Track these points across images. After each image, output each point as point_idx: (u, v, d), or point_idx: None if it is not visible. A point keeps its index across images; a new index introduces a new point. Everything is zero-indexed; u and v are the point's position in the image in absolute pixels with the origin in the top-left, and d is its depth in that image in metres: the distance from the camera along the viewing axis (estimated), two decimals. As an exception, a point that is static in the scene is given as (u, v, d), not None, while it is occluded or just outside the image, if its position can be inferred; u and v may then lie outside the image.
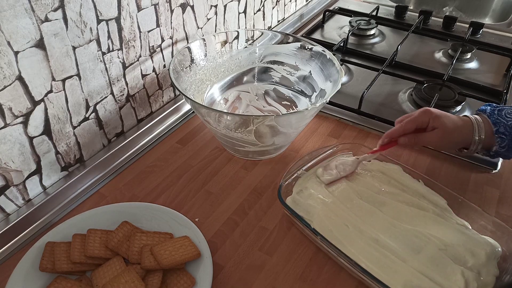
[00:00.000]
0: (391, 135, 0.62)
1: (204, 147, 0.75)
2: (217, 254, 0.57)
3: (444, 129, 0.59)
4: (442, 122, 0.59)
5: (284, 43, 0.79)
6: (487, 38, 1.11)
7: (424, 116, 0.60)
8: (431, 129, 0.60)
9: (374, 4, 1.28)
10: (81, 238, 0.54)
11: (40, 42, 0.53)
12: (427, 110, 0.60)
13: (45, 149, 0.60)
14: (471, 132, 0.59)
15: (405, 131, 0.61)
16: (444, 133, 0.59)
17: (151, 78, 0.75)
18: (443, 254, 0.52)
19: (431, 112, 0.60)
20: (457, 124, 0.60)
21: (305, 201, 0.60)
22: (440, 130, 0.59)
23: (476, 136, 0.59)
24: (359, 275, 0.52)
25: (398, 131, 0.61)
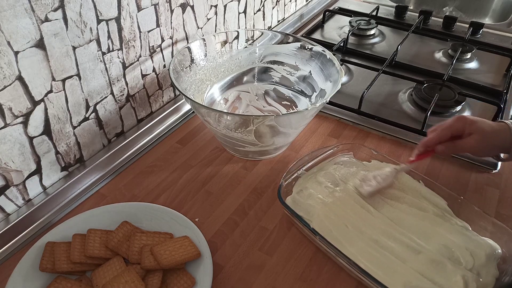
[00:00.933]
0: (426, 144, 0.60)
1: (204, 147, 0.75)
2: (217, 254, 0.57)
3: (482, 133, 0.57)
4: (479, 127, 0.57)
5: (284, 43, 0.79)
6: (487, 38, 1.11)
7: (459, 123, 0.58)
8: (468, 135, 0.58)
9: (374, 4, 1.28)
10: (81, 238, 0.54)
11: (40, 42, 0.53)
12: (462, 116, 0.59)
13: (45, 149, 0.60)
14: (509, 136, 0.58)
15: (441, 139, 0.59)
16: (483, 137, 0.57)
17: (151, 78, 0.75)
18: (442, 255, 0.52)
19: (466, 118, 0.58)
20: (495, 128, 0.58)
21: (305, 201, 0.60)
22: (478, 134, 0.57)
23: None
24: (358, 275, 0.51)
25: (434, 139, 0.60)
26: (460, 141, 0.59)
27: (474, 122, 0.58)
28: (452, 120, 0.60)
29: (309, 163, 0.65)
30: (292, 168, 0.63)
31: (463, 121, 0.58)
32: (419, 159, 0.62)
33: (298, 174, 0.64)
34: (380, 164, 0.66)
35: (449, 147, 0.59)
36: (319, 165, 0.66)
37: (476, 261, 0.52)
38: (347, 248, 0.53)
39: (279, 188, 0.59)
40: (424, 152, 0.62)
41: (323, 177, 0.64)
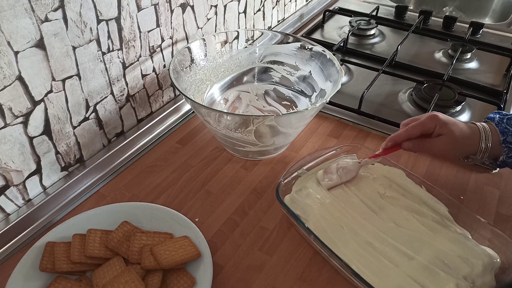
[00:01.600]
0: (395, 139, 0.60)
1: (204, 147, 0.75)
2: (217, 254, 0.57)
3: (451, 136, 0.57)
4: (449, 130, 0.57)
5: (284, 43, 0.79)
6: (487, 38, 1.11)
7: (431, 122, 0.58)
8: (437, 135, 0.58)
9: (374, 4, 1.28)
10: (81, 238, 0.54)
11: (40, 42, 0.53)
12: (435, 115, 0.58)
13: (45, 149, 0.60)
14: (478, 141, 0.57)
15: (410, 136, 0.59)
16: (451, 141, 0.57)
17: (151, 78, 0.75)
18: (437, 261, 0.52)
19: (439, 118, 0.57)
20: (465, 133, 0.57)
21: (302, 200, 0.60)
22: (447, 137, 0.57)
23: (483, 144, 0.57)
24: (350, 277, 0.51)
25: (403, 135, 0.59)
26: (428, 141, 0.59)
27: (445, 124, 0.57)
28: (424, 117, 0.59)
29: (310, 163, 0.65)
30: (292, 167, 0.63)
31: (435, 120, 0.57)
32: (384, 154, 0.62)
33: (298, 173, 0.64)
34: (383, 168, 0.66)
35: (416, 146, 0.59)
36: (321, 165, 0.66)
37: (472, 270, 0.51)
38: (340, 249, 0.53)
39: (278, 186, 0.59)
40: (391, 146, 0.61)
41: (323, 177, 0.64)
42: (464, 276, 0.50)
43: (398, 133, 0.60)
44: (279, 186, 0.60)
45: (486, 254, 0.53)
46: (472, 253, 0.53)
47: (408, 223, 0.57)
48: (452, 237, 0.55)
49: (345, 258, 0.51)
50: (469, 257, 0.52)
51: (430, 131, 0.58)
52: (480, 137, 0.57)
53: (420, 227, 0.56)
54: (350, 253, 0.53)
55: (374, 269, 0.51)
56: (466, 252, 0.53)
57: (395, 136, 0.60)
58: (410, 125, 0.59)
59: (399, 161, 0.71)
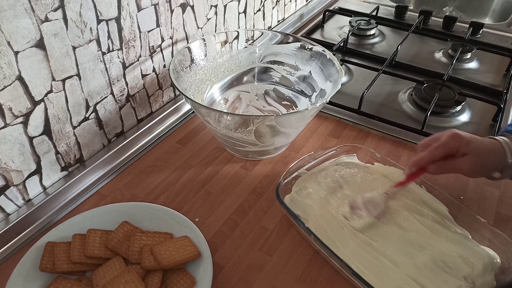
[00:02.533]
0: (419, 163, 0.57)
1: (204, 147, 0.75)
2: (217, 254, 0.57)
3: (477, 155, 0.55)
4: (474, 147, 0.55)
5: (284, 43, 0.79)
6: (487, 38, 1.11)
7: (454, 142, 0.55)
8: (462, 155, 0.55)
9: (374, 4, 1.27)
10: (81, 238, 0.54)
11: (40, 42, 0.53)
12: (457, 134, 0.56)
13: (45, 149, 0.60)
14: (503, 156, 0.55)
15: (434, 158, 0.56)
16: (478, 159, 0.55)
17: (151, 78, 0.75)
18: (437, 262, 0.52)
19: (461, 137, 0.55)
20: (489, 148, 0.56)
21: (303, 200, 0.60)
22: (473, 156, 0.55)
23: (509, 159, 0.55)
24: (350, 277, 0.51)
25: (427, 158, 0.57)
26: (454, 162, 0.56)
27: (470, 142, 0.55)
28: (446, 138, 0.56)
29: (310, 163, 0.65)
30: (292, 167, 0.63)
31: (459, 140, 0.55)
32: (410, 180, 0.59)
33: (298, 173, 0.64)
34: (383, 168, 0.65)
35: (442, 167, 0.57)
36: (321, 165, 0.66)
37: (472, 271, 0.51)
38: (340, 249, 0.53)
39: (278, 186, 0.59)
40: (416, 171, 0.59)
41: (324, 177, 0.64)
42: (464, 276, 0.50)
43: (421, 156, 0.57)
44: (279, 186, 0.60)
45: (486, 254, 0.53)
46: (472, 253, 0.53)
47: (408, 223, 0.57)
48: (452, 237, 0.55)
49: (345, 258, 0.51)
50: (469, 257, 0.52)
51: (453, 151, 0.56)
52: (505, 152, 0.55)
53: (420, 227, 0.56)
54: (350, 253, 0.53)
55: (374, 269, 0.51)
56: (466, 252, 0.53)
57: (418, 161, 0.58)
58: (433, 147, 0.57)
59: (399, 161, 0.71)
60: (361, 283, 0.48)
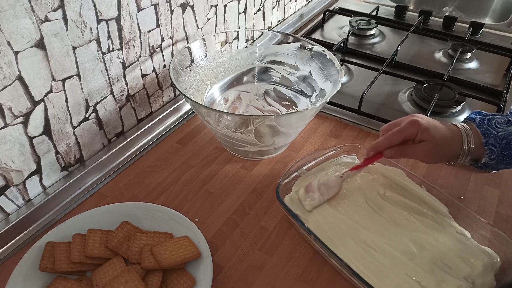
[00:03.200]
0: (376, 148, 0.58)
1: (204, 147, 0.75)
2: (217, 254, 0.57)
3: (433, 142, 0.55)
4: (431, 135, 0.55)
5: (284, 43, 0.79)
6: (487, 38, 1.11)
7: (412, 128, 0.56)
8: (419, 141, 0.56)
9: (374, 4, 1.28)
10: (81, 238, 0.54)
11: (40, 42, 0.53)
12: (415, 121, 0.56)
13: (45, 149, 0.60)
14: (460, 144, 0.56)
15: (392, 143, 0.57)
16: (433, 146, 0.56)
17: (151, 78, 0.75)
18: (437, 262, 0.52)
19: (420, 123, 0.56)
20: (446, 136, 0.56)
21: (302, 200, 0.60)
22: (429, 143, 0.55)
23: (465, 146, 0.56)
24: (350, 277, 0.51)
25: (384, 143, 0.58)
26: (410, 147, 0.57)
27: (427, 129, 0.55)
28: (405, 123, 0.57)
29: (310, 163, 0.65)
30: (292, 167, 0.63)
31: (417, 126, 0.56)
32: (366, 164, 0.60)
33: (298, 173, 0.64)
34: (383, 168, 0.65)
35: (398, 152, 0.58)
36: (321, 165, 0.66)
37: (472, 270, 0.51)
38: (340, 249, 0.53)
39: (278, 186, 0.59)
40: (373, 156, 0.60)
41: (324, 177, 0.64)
42: (464, 276, 0.50)
43: (379, 141, 0.58)
44: (279, 186, 0.60)
45: (486, 254, 0.53)
46: (472, 253, 0.53)
47: (408, 223, 0.57)
48: (452, 237, 0.55)
49: (345, 258, 0.51)
50: (469, 257, 0.52)
51: (411, 137, 0.57)
52: (462, 139, 0.56)
53: (420, 227, 0.56)
54: (349, 253, 0.53)
55: (374, 269, 0.51)
56: (466, 252, 0.53)
57: (376, 145, 0.59)
58: (391, 132, 0.58)
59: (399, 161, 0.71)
60: (361, 283, 0.48)
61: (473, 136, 0.56)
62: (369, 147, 0.60)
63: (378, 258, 0.52)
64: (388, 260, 0.52)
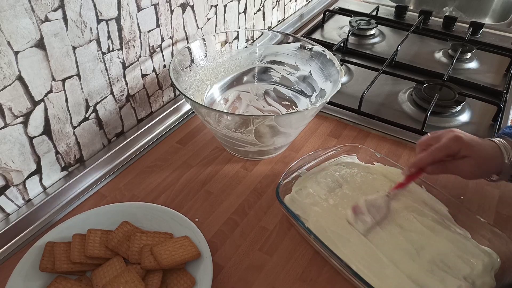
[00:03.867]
0: (418, 164, 0.57)
1: (204, 147, 0.75)
2: (217, 254, 0.57)
3: (478, 159, 0.55)
4: (474, 152, 0.55)
5: (284, 43, 0.79)
6: (487, 38, 1.11)
7: (456, 145, 0.55)
8: (461, 157, 0.55)
9: (374, 4, 1.27)
10: (81, 238, 0.54)
11: (40, 42, 0.53)
12: (458, 137, 0.55)
13: (45, 149, 0.60)
14: (500, 159, 0.55)
15: (435, 160, 0.56)
16: (478, 163, 0.55)
17: (151, 78, 0.75)
18: (437, 262, 0.52)
19: (463, 140, 0.55)
20: (489, 153, 0.56)
21: (303, 200, 0.60)
22: (473, 159, 0.55)
23: (506, 160, 0.55)
24: (350, 277, 0.51)
25: (427, 160, 0.56)
26: (453, 164, 0.56)
27: (471, 145, 0.55)
28: (447, 140, 0.56)
29: (310, 163, 0.65)
30: (292, 167, 0.63)
31: (460, 143, 0.55)
32: (410, 181, 0.59)
33: (298, 173, 0.64)
34: (383, 168, 0.65)
35: (441, 169, 0.57)
36: (321, 165, 0.66)
37: (472, 270, 0.51)
38: (340, 249, 0.53)
39: (278, 186, 0.59)
40: (415, 172, 0.59)
41: (324, 177, 0.64)
42: (464, 276, 0.50)
43: (421, 157, 0.57)
44: (279, 186, 0.60)
45: (486, 254, 0.53)
46: (472, 253, 0.53)
47: (408, 223, 0.57)
48: (452, 237, 0.55)
49: (345, 258, 0.51)
50: (469, 257, 0.52)
51: (454, 153, 0.56)
52: (503, 155, 0.56)
53: (420, 227, 0.56)
54: (350, 253, 0.53)
55: (374, 269, 0.51)
56: (466, 252, 0.53)
57: (418, 162, 0.57)
58: (434, 148, 0.56)
59: (399, 161, 0.71)
60: (361, 283, 0.48)
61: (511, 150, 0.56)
62: (411, 163, 0.58)
63: (378, 258, 0.52)
64: (388, 260, 0.52)
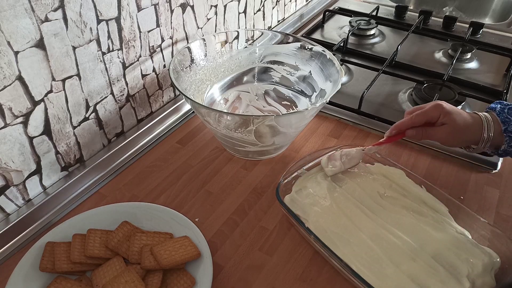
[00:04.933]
0: (399, 127, 0.62)
1: (204, 147, 0.75)
2: (217, 254, 0.57)
3: (454, 126, 0.58)
4: (452, 119, 0.58)
5: (284, 43, 0.79)
6: (487, 38, 1.11)
7: (435, 111, 0.59)
8: (441, 124, 0.59)
9: (374, 4, 1.28)
10: (81, 238, 0.54)
11: (40, 42, 0.53)
12: (439, 104, 0.59)
13: (45, 149, 0.60)
14: (480, 130, 0.59)
15: (414, 124, 0.60)
16: (454, 130, 0.58)
17: (151, 78, 0.75)
18: (437, 262, 0.52)
19: (443, 107, 0.59)
20: (467, 122, 0.59)
21: (302, 200, 0.60)
22: (450, 127, 0.58)
23: (485, 134, 0.58)
24: (350, 277, 0.51)
25: (407, 123, 0.61)
26: (431, 129, 0.60)
27: (449, 113, 0.58)
28: (429, 106, 0.60)
29: (310, 163, 0.65)
30: (292, 167, 0.63)
31: (439, 109, 0.59)
32: (388, 141, 0.63)
33: (298, 173, 0.64)
34: (383, 168, 0.65)
35: (419, 133, 0.61)
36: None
37: (472, 270, 0.51)
38: (340, 249, 0.53)
39: (278, 186, 0.59)
40: (395, 134, 0.62)
41: (324, 177, 0.64)
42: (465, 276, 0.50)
43: (402, 121, 0.61)
44: (279, 186, 0.60)
45: (486, 254, 0.53)
46: (472, 253, 0.53)
47: (408, 223, 0.57)
48: (452, 237, 0.55)
49: (345, 258, 0.51)
50: (469, 257, 0.52)
51: (434, 120, 0.60)
52: (483, 126, 0.59)
53: (420, 227, 0.56)
54: (349, 253, 0.53)
55: (374, 270, 0.51)
56: (466, 252, 0.53)
57: (399, 124, 0.61)
58: (414, 114, 0.60)
59: (399, 161, 0.71)
60: (361, 283, 0.48)
61: (493, 124, 0.58)
62: (392, 126, 0.62)
63: (379, 258, 0.52)
64: (388, 260, 0.52)
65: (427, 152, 0.74)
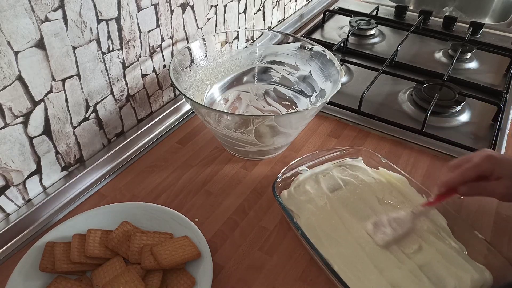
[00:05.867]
0: (449, 183, 0.55)
1: (204, 147, 0.75)
2: (217, 254, 0.57)
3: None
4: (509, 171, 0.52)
5: (284, 43, 0.79)
6: (487, 38, 1.11)
7: (488, 164, 0.52)
8: (496, 178, 0.52)
9: (374, 4, 1.27)
10: (81, 238, 0.54)
11: (40, 42, 0.53)
12: (491, 156, 0.53)
13: (45, 149, 0.60)
14: None
15: (466, 180, 0.54)
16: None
17: (151, 78, 0.75)
18: (423, 272, 0.51)
19: (496, 158, 0.52)
20: None
21: (299, 197, 0.60)
22: (508, 180, 0.51)
23: None
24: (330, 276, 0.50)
25: (458, 179, 0.54)
26: (487, 184, 0.53)
27: (505, 165, 0.52)
28: (479, 159, 0.53)
29: (313, 161, 0.65)
30: (293, 164, 0.63)
31: (493, 162, 0.52)
32: (439, 201, 0.56)
33: (299, 170, 0.64)
34: (386, 173, 0.64)
35: (473, 189, 0.54)
36: (324, 165, 0.66)
37: (459, 285, 0.49)
38: (327, 248, 0.53)
39: (275, 181, 0.59)
40: (445, 192, 0.56)
41: (324, 177, 0.64)
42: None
43: (452, 177, 0.54)
44: (276, 180, 0.60)
45: (478, 270, 0.51)
46: (463, 268, 0.51)
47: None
48: (444, 250, 0.53)
49: (330, 258, 0.51)
50: (459, 271, 0.51)
51: (487, 173, 0.53)
52: None
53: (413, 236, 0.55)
54: (335, 254, 0.52)
55: (356, 272, 0.51)
56: (456, 267, 0.51)
57: (448, 181, 0.55)
58: (464, 167, 0.54)
59: (399, 161, 0.71)
60: (340, 283, 0.48)
61: None
62: (440, 182, 0.56)
63: (363, 261, 0.52)
64: (372, 265, 0.52)
65: (427, 152, 0.74)
